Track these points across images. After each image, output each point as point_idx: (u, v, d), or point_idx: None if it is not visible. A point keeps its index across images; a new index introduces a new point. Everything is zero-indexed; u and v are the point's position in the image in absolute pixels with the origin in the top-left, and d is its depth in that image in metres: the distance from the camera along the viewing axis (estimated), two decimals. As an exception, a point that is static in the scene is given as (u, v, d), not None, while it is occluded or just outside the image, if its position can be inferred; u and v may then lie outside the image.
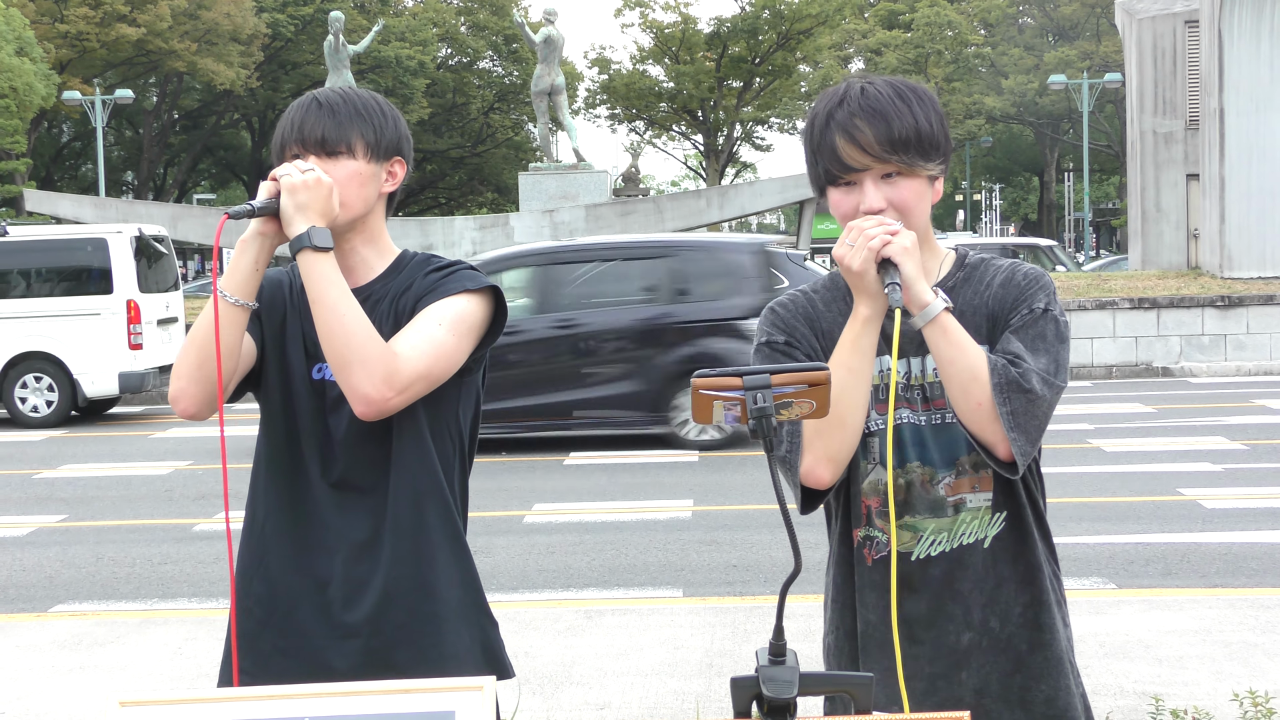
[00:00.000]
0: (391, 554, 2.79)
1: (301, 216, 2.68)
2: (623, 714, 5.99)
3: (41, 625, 8.01)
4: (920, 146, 2.56)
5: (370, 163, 2.82)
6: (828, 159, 2.58)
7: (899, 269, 2.46)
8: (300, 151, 2.78)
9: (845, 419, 2.54)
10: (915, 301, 2.49)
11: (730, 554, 9.48)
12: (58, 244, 18.85)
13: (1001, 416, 2.49)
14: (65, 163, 66.98)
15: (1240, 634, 7.04)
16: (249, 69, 58.59)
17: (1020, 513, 2.65)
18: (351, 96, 2.84)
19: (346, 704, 2.18)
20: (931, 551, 2.65)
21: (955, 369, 2.51)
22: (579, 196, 33.49)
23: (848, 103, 2.57)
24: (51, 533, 10.96)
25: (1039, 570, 2.66)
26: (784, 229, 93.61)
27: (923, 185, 2.60)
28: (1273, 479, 11.86)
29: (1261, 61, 25.38)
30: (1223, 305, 22.08)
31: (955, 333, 2.51)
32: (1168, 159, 33.14)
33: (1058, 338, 2.57)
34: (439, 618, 2.81)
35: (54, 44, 52.15)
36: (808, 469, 2.60)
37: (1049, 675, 2.66)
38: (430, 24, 65.67)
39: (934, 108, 2.60)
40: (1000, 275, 2.65)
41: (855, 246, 2.49)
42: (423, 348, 2.72)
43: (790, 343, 2.69)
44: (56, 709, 6.36)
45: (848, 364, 2.53)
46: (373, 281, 2.87)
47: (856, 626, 2.74)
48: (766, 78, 68.35)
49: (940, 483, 2.64)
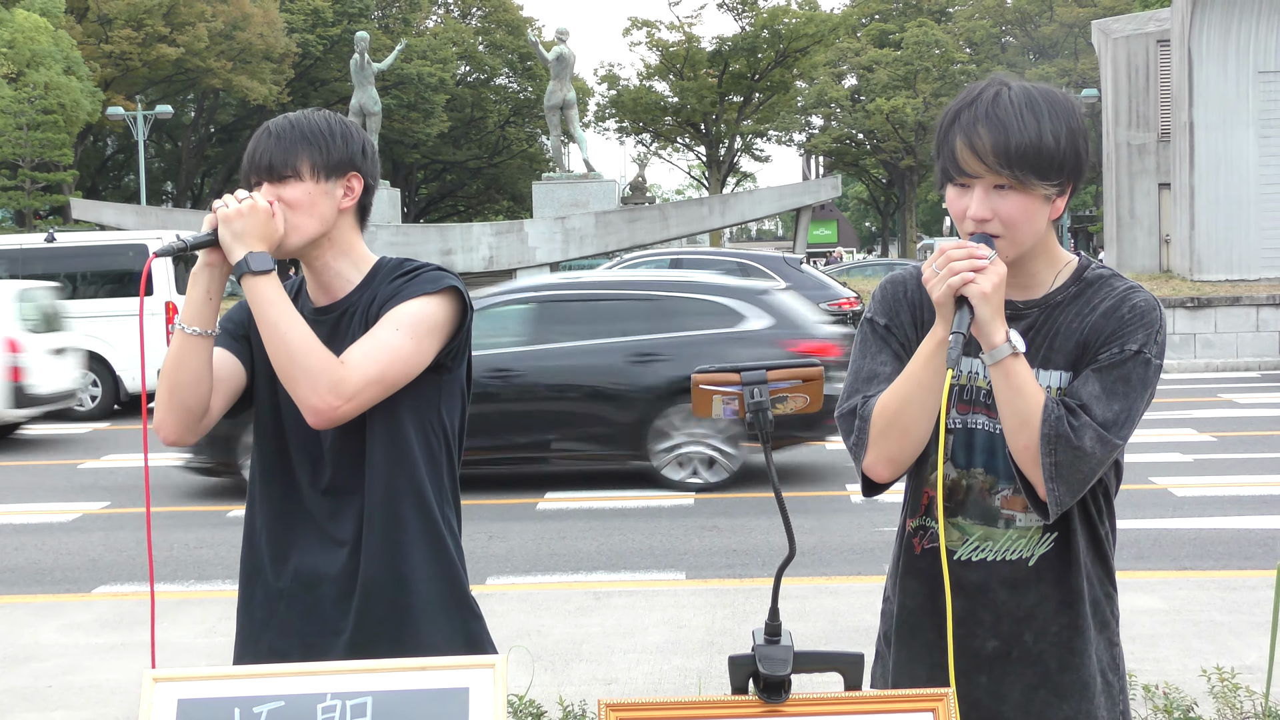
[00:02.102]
0: (368, 551, 2.74)
1: (239, 244, 2.64)
2: (629, 688, 5.98)
3: (85, 605, 8.00)
4: (1037, 164, 2.34)
5: (320, 182, 2.74)
6: (947, 158, 2.40)
7: (973, 313, 2.30)
8: (256, 179, 2.74)
9: (909, 428, 2.43)
10: (986, 341, 2.33)
11: (730, 539, 9.47)
12: (102, 249, 18.88)
13: (1043, 466, 2.35)
14: (109, 174, 67.05)
15: (1208, 613, 7.02)
16: (281, 85, 58.66)
17: (1070, 537, 2.51)
18: (301, 121, 2.77)
19: (365, 680, 2.17)
20: (973, 556, 2.52)
21: (1010, 410, 2.36)
22: (589, 204, 33.48)
23: (977, 106, 2.38)
24: (95, 519, 10.96)
25: (1080, 596, 2.53)
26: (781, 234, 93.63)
27: (1035, 203, 2.38)
28: (1239, 469, 11.83)
29: (1229, 79, 25.35)
30: (1192, 306, 22.04)
31: (1017, 378, 2.34)
32: (1141, 169, 33.10)
33: (1141, 383, 2.39)
34: (415, 610, 2.76)
35: (99, 63, 52.26)
36: (869, 465, 2.50)
37: (1072, 697, 2.53)
38: (450, 43, 65.67)
39: (1067, 123, 2.38)
40: (1108, 302, 2.45)
41: (940, 275, 2.32)
42: (374, 354, 2.66)
43: (889, 327, 2.57)
44: (98, 683, 6.35)
45: (919, 377, 2.40)
46: (350, 294, 2.81)
47: (895, 608, 2.65)
48: (765, 93, 68.33)
49: (998, 494, 2.50)
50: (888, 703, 2.14)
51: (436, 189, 73.37)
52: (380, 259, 2.86)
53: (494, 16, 69.25)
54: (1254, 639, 6.51)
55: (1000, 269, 2.32)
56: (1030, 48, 69.27)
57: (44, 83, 44.33)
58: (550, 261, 32.82)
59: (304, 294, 2.87)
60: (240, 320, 2.87)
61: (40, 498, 11.98)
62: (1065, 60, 64.03)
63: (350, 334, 2.76)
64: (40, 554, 9.63)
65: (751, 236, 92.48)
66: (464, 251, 32.88)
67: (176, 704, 2.15)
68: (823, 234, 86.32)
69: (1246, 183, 25.13)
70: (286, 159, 2.73)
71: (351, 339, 2.74)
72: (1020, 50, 69.67)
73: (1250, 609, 7.08)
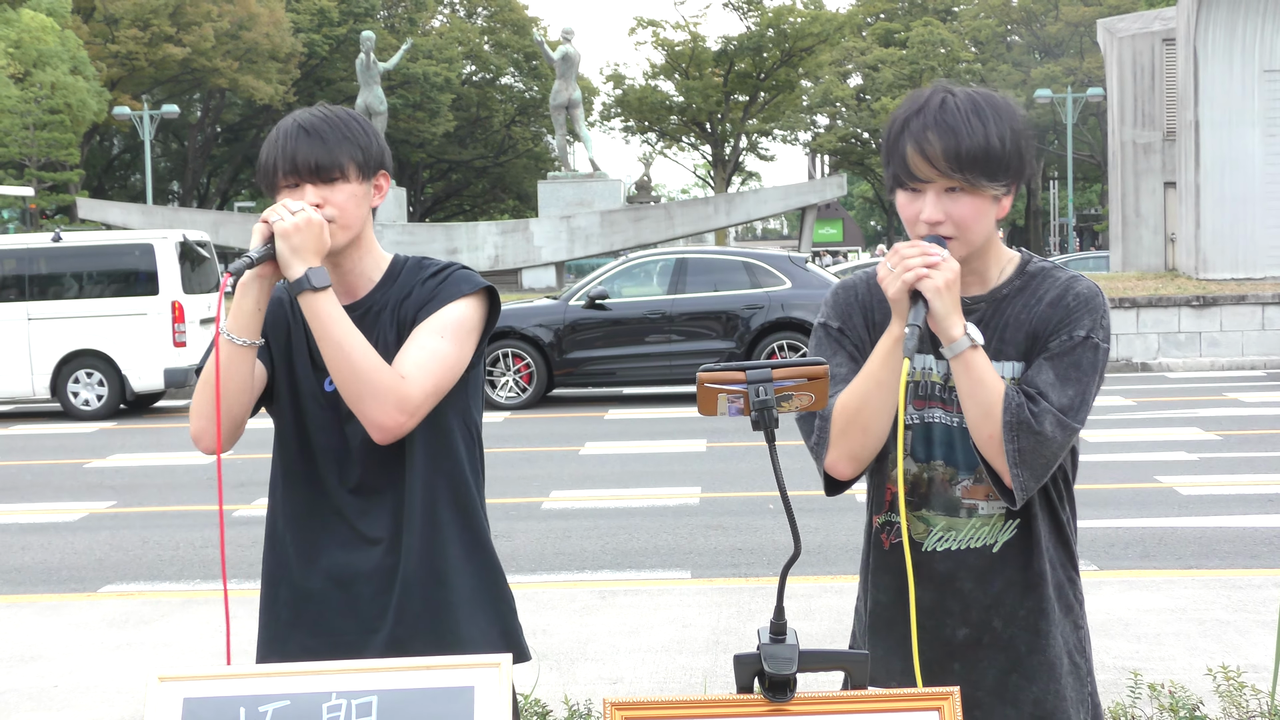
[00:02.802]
0: (408, 548, 2.75)
1: (298, 259, 2.61)
2: (634, 688, 5.98)
3: (92, 604, 8.01)
4: (986, 166, 2.44)
5: (362, 182, 2.75)
6: (898, 164, 2.50)
7: (928, 307, 2.39)
8: (296, 181, 2.70)
9: (868, 425, 2.51)
10: (944, 335, 2.42)
11: (735, 538, 9.46)
12: (108, 249, 18.88)
13: (1007, 453, 2.44)
14: (115, 173, 67.12)
15: (1214, 612, 7.01)
16: (286, 85, 58.73)
17: (1031, 523, 2.59)
18: (334, 119, 2.75)
19: (371, 679, 2.17)
20: (939, 547, 2.61)
21: (972, 402, 2.45)
22: (595, 203, 33.49)
23: (925, 113, 2.47)
24: (101, 518, 10.97)
25: (1043, 578, 2.60)
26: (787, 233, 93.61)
27: (985, 203, 2.48)
28: (1244, 467, 11.82)
29: (1234, 77, 25.33)
30: (1198, 305, 22.02)
31: (976, 369, 2.44)
32: (1146, 168, 33.08)
33: (1092, 367, 2.49)
34: (453, 605, 2.78)
35: (105, 63, 52.32)
36: (831, 463, 2.58)
37: (1040, 678, 2.61)
38: (456, 43, 65.72)
39: (1012, 126, 2.49)
40: (1053, 292, 2.55)
41: (894, 272, 2.41)
42: (428, 365, 2.67)
43: (842, 330, 2.65)
44: (104, 682, 6.36)
45: (876, 376, 2.49)
46: (371, 292, 2.80)
47: (867, 603, 2.73)
48: (770, 92, 68.31)
49: (958, 484, 2.59)
50: (893, 701, 2.14)
51: (442, 188, 73.42)
52: (395, 256, 2.85)
53: (499, 16, 69.28)
54: (1260, 638, 6.50)
55: (954, 265, 2.42)
56: (1035, 46, 69.24)
57: (50, 82, 44.39)
58: (555, 260, 32.83)
59: None
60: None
61: (46, 497, 11.99)
62: (1070, 59, 64.01)
63: (378, 333, 2.75)
64: (46, 553, 9.64)
65: (757, 235, 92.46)
66: (469, 251, 32.89)
67: (182, 703, 2.15)
68: (828, 233, 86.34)
69: (1252, 181, 25.10)
70: (333, 159, 2.70)
71: (379, 338, 2.74)
72: (1025, 49, 69.64)
73: (1256, 608, 7.06)
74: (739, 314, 18.02)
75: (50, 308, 18.18)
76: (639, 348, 18.08)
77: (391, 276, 2.81)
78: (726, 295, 18.22)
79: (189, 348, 18.28)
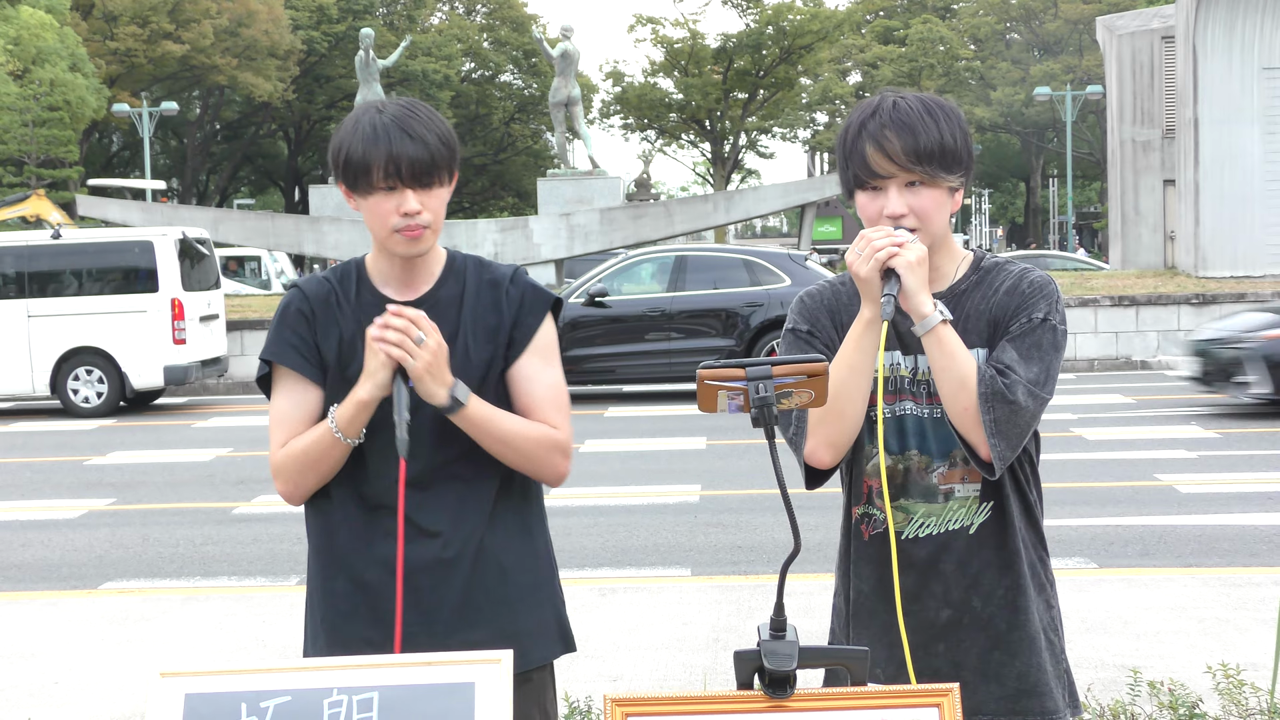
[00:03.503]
0: (470, 541, 2.77)
1: (439, 385, 2.64)
2: (634, 685, 5.98)
3: (92, 601, 8.02)
4: (943, 159, 2.59)
5: (450, 185, 2.77)
6: (858, 165, 2.62)
7: (900, 281, 2.50)
8: (396, 184, 2.67)
9: (844, 410, 2.59)
10: (915, 312, 2.53)
11: (735, 535, 9.47)
12: (107, 246, 18.89)
13: (984, 424, 2.54)
14: (114, 170, 67.07)
15: (1213, 610, 7.02)
16: (285, 83, 58.69)
17: (1004, 504, 2.68)
18: (429, 120, 2.72)
19: (372, 675, 2.18)
20: (920, 533, 2.69)
21: (946, 376, 2.55)
22: (594, 201, 33.49)
23: (880, 114, 2.61)
24: (101, 515, 10.98)
25: (1018, 556, 2.69)
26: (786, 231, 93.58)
27: (943, 195, 2.62)
28: (1244, 465, 11.83)
29: (1233, 75, 25.32)
30: (1197, 303, 22.03)
31: (949, 343, 2.54)
32: (1146, 166, 33.08)
33: (1052, 346, 2.60)
34: (514, 598, 2.81)
35: (104, 60, 52.30)
36: (810, 452, 2.66)
37: (1022, 653, 2.69)
38: (455, 40, 65.70)
39: (959, 124, 2.63)
40: (1008, 282, 2.67)
41: (863, 255, 2.52)
42: (559, 400, 2.82)
43: (812, 332, 2.74)
44: (105, 678, 6.36)
45: (850, 361, 2.58)
46: (434, 287, 2.81)
47: (849, 593, 2.80)
48: (770, 90, 68.29)
49: (934, 471, 2.68)
50: (893, 698, 2.14)
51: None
52: (449, 252, 2.86)
53: (499, 13, 69.25)
54: (1259, 636, 6.51)
55: (921, 246, 2.55)
56: (1034, 44, 69.21)
57: (49, 79, 44.35)
58: (555, 258, 32.81)
59: (366, 285, 2.83)
60: (305, 336, 2.81)
61: (46, 494, 12.00)
62: (1070, 57, 63.99)
63: (448, 322, 2.75)
64: (46, 550, 9.65)
65: (756, 233, 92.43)
66: (469, 248, 32.86)
67: (184, 699, 2.15)
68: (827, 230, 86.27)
69: (1251, 179, 25.10)
70: (434, 165, 2.70)
71: (448, 327, 2.74)
72: (1024, 46, 69.62)
73: (1255, 606, 7.07)
74: (739, 311, 18.02)
75: (50, 305, 18.19)
76: (638, 345, 18.08)
77: (451, 271, 2.84)
78: (726, 293, 18.22)
79: (188, 345, 18.31)
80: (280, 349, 2.80)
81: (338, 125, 2.81)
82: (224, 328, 20.12)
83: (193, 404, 19.85)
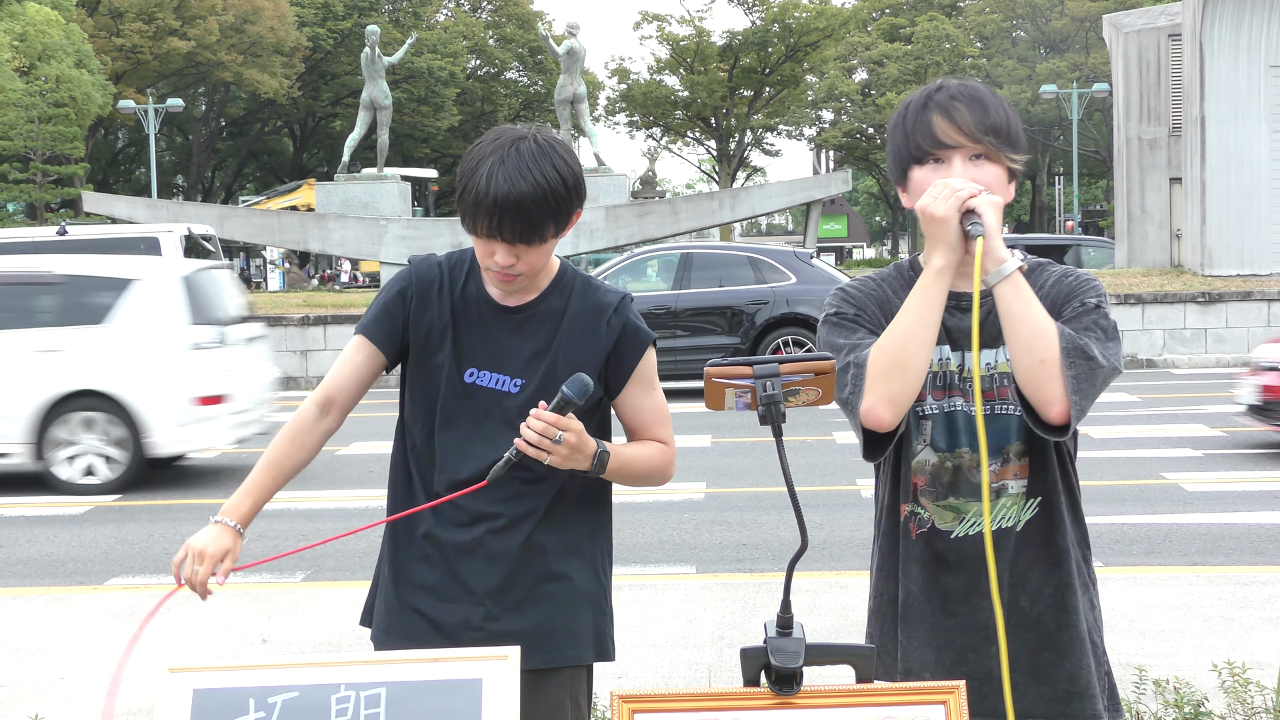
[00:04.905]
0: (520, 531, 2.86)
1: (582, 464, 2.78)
2: (639, 682, 5.99)
3: (98, 597, 8.03)
4: (1008, 136, 2.57)
5: (556, 237, 2.81)
6: (922, 135, 2.55)
7: (982, 218, 2.43)
8: (492, 235, 2.73)
9: (909, 363, 2.46)
10: (993, 256, 2.43)
11: (741, 533, 9.47)
12: (113, 242, 18.92)
13: (1066, 380, 2.42)
14: (120, 167, 67.16)
15: (1218, 609, 7.01)
16: (291, 79, 58.73)
17: (1053, 499, 2.61)
18: (545, 185, 2.72)
19: (379, 671, 2.18)
20: (970, 531, 2.61)
21: (1023, 325, 2.43)
22: (600, 198, 33.46)
23: (946, 89, 2.58)
24: (107, 511, 10.99)
25: (1067, 554, 2.62)
26: (792, 229, 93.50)
27: (1004, 174, 2.58)
28: (1249, 464, 11.82)
29: (1240, 73, 25.29)
30: (1203, 301, 22.00)
31: (1027, 290, 2.45)
32: (1152, 164, 33.04)
33: (1107, 331, 2.54)
34: (553, 597, 2.90)
35: (110, 56, 52.34)
36: (868, 408, 2.48)
37: (1072, 654, 2.62)
38: (460, 37, 65.69)
39: (1012, 112, 2.62)
40: (1054, 277, 2.63)
41: (941, 195, 2.45)
42: (667, 418, 2.99)
43: (858, 316, 2.63)
44: (111, 674, 6.37)
45: (917, 311, 2.46)
46: (539, 298, 2.89)
47: (899, 594, 2.69)
48: (775, 87, 68.25)
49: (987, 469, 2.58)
50: (900, 695, 2.15)
51: (447, 182, 73.39)
52: (561, 264, 2.95)
53: (504, 10, 69.24)
54: (1265, 634, 6.51)
55: (997, 196, 2.49)
56: (1041, 42, 69.13)
57: (55, 76, 44.41)
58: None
59: (475, 279, 2.90)
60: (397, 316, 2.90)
61: (52, 490, 12.01)
62: (1076, 54, 63.91)
63: (539, 342, 2.85)
64: (52, 546, 9.66)
65: (762, 231, 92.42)
66: (474, 245, 32.84)
67: (192, 694, 2.16)
68: (833, 228, 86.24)
69: (1258, 177, 25.06)
70: (534, 231, 2.74)
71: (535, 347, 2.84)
72: (1031, 44, 69.55)
73: (1261, 604, 7.07)
74: (744, 309, 18.01)
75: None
76: None
77: (559, 286, 2.91)
78: (732, 290, 18.22)
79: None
80: (368, 325, 2.91)
81: (471, 145, 2.84)
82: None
83: (198, 400, 19.85)
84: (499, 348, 2.84)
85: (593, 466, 2.78)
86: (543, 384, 2.81)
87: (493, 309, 2.86)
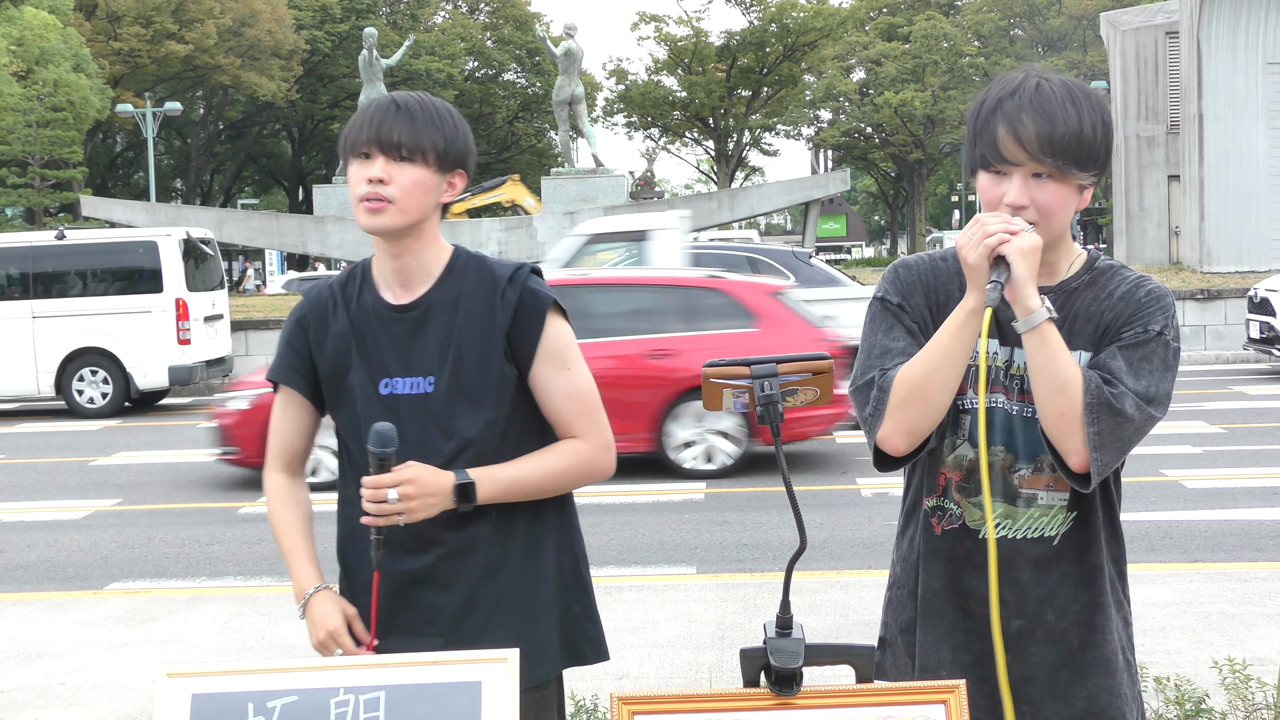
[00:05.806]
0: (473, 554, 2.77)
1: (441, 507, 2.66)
2: (640, 683, 5.98)
3: (98, 601, 8.02)
4: (1077, 154, 2.40)
5: (436, 172, 2.71)
6: (986, 145, 2.44)
7: (1010, 269, 2.33)
8: (370, 152, 2.67)
9: (931, 398, 2.42)
10: (1021, 304, 2.35)
11: (740, 533, 9.47)
12: (111, 246, 18.91)
13: (1087, 435, 2.36)
14: (118, 171, 67.14)
15: (1219, 606, 7.01)
16: (289, 82, 58.72)
17: (1091, 515, 2.54)
18: (428, 103, 2.72)
19: (378, 674, 2.18)
20: (999, 535, 2.55)
21: (1046, 377, 2.37)
22: (598, 199, 33.49)
23: (1020, 95, 2.43)
24: (107, 515, 10.98)
25: (1100, 572, 2.57)
26: (790, 228, 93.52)
27: (1070, 192, 2.43)
28: (1249, 461, 11.81)
29: (1237, 71, 25.31)
30: (1202, 298, 22.00)
31: (1052, 343, 2.36)
32: (1150, 161, 33.05)
33: (1164, 364, 2.43)
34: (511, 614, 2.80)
35: (108, 60, 52.33)
36: (884, 436, 2.47)
37: (1094, 674, 2.56)
38: (458, 39, 65.70)
39: (1102, 116, 2.44)
40: (1124, 287, 2.50)
41: (974, 239, 2.35)
42: (585, 406, 2.79)
43: (902, 306, 2.57)
44: (111, 679, 6.37)
45: (945, 347, 2.41)
46: (430, 289, 2.77)
47: (918, 589, 2.64)
48: (773, 87, 68.27)
49: (1017, 472, 2.53)
50: (900, 694, 2.14)
51: (445, 185, 73.40)
52: (455, 249, 2.82)
53: (502, 12, 69.25)
54: (1265, 631, 6.51)
55: (1036, 237, 2.36)
56: (1039, 40, 69.15)
57: (53, 80, 44.38)
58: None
59: (369, 288, 2.81)
60: (301, 351, 2.84)
61: (52, 495, 12.01)
62: (1074, 53, 63.92)
63: (440, 334, 2.73)
64: (52, 551, 9.66)
65: (761, 230, 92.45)
66: (473, 247, 32.80)
67: (190, 699, 2.16)
68: (831, 228, 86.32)
69: (1256, 174, 25.09)
70: (417, 141, 2.67)
71: (438, 341, 2.73)
72: (1029, 43, 69.56)
73: (1261, 601, 7.07)
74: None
75: (55, 305, 18.22)
76: None
77: (453, 272, 2.78)
78: None
79: (193, 345, 18.36)
80: (277, 367, 2.86)
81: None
82: (229, 328, 20.16)
83: (198, 404, 19.86)
84: (406, 350, 2.74)
85: (457, 503, 2.65)
86: (453, 376, 2.71)
87: (391, 311, 2.75)
